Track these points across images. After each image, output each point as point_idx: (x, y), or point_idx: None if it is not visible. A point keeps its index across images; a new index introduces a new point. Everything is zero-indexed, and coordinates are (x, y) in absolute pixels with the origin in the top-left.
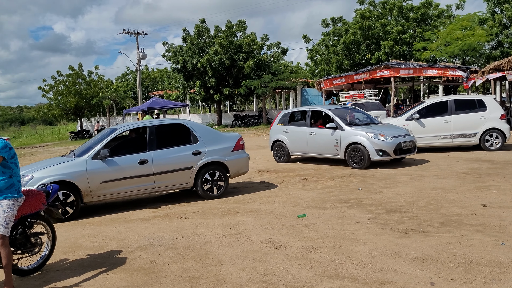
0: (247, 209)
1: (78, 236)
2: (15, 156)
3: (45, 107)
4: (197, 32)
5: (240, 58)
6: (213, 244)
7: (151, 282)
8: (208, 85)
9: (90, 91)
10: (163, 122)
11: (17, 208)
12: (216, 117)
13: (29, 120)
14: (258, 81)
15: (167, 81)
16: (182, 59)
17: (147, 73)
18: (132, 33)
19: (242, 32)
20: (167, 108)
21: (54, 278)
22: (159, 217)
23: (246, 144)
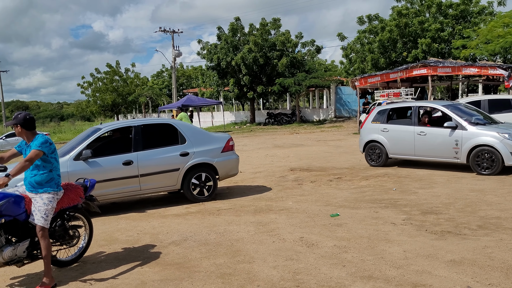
0: (280, 207)
1: (113, 230)
2: (55, 151)
3: (84, 104)
4: (231, 30)
5: (274, 56)
6: (245, 241)
7: (184, 277)
8: (241, 83)
9: (126, 88)
10: (149, 121)
11: (56, 201)
12: (250, 115)
13: (68, 116)
14: (292, 79)
15: (201, 78)
16: (217, 57)
17: (182, 71)
18: (168, 31)
19: (276, 30)
20: (201, 106)
21: (91, 270)
22: (192, 213)
23: (280, 142)
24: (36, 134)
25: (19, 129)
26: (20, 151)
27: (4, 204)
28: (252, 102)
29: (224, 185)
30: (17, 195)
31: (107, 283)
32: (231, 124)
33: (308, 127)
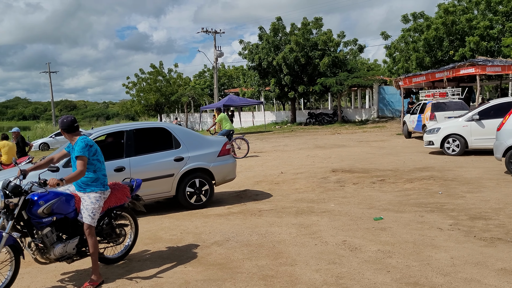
0: (321, 209)
1: (157, 229)
2: (96, 152)
3: (128, 103)
4: (273, 30)
5: (315, 55)
6: (287, 243)
7: (226, 278)
8: (283, 82)
9: (169, 88)
10: (142, 125)
11: (103, 200)
12: (290, 114)
13: (113, 115)
14: (333, 78)
15: (242, 78)
16: (258, 57)
17: (223, 71)
18: (210, 31)
19: (318, 30)
20: (242, 105)
21: (136, 268)
22: (234, 213)
23: (321, 143)
24: (79, 136)
25: (63, 133)
26: (69, 152)
27: (55, 203)
28: (293, 102)
29: (266, 185)
30: (67, 194)
31: (152, 281)
32: (272, 124)
33: (350, 127)
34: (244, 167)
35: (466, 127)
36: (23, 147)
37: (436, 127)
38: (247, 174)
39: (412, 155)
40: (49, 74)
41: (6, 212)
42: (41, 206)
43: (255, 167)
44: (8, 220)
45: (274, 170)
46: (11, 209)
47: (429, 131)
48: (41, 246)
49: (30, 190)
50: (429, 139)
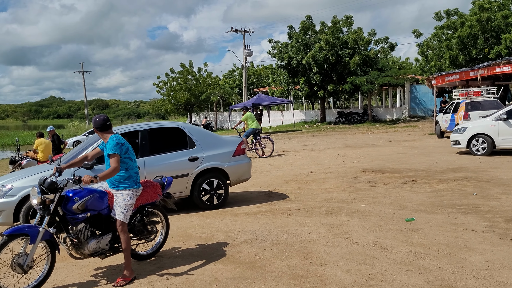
0: (352, 209)
1: (188, 226)
2: (128, 151)
3: (159, 102)
4: (302, 28)
5: (345, 54)
6: (316, 243)
7: (256, 276)
8: (312, 81)
9: (199, 87)
10: (157, 125)
11: (135, 197)
12: (320, 113)
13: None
14: (364, 77)
15: (271, 77)
16: (287, 55)
17: (252, 70)
18: (240, 31)
19: (348, 28)
20: (271, 104)
21: (167, 265)
22: (263, 212)
23: (351, 142)
24: (111, 135)
25: (95, 131)
26: (102, 149)
27: (89, 199)
28: (323, 101)
29: (295, 185)
30: (101, 191)
31: (182, 278)
32: (301, 123)
33: (381, 126)
34: (273, 166)
35: (493, 127)
36: (58, 144)
37: (463, 127)
38: (276, 173)
39: (445, 155)
40: (83, 73)
41: (42, 208)
42: (76, 203)
43: (284, 166)
44: (45, 216)
45: (303, 169)
46: (47, 205)
47: (456, 131)
48: (76, 241)
49: (65, 186)
50: (456, 139)
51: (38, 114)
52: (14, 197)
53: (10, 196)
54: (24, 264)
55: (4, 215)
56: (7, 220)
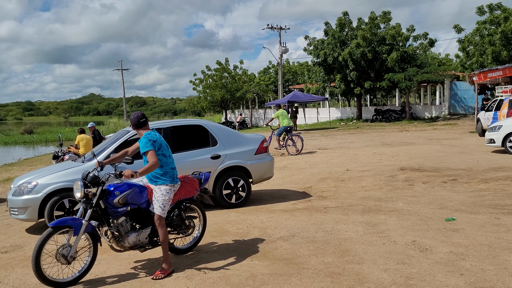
0: (389, 208)
1: (224, 222)
2: (161, 147)
3: (195, 99)
4: (339, 25)
5: (383, 50)
6: (353, 241)
7: (293, 273)
8: (348, 78)
9: (235, 84)
10: (179, 123)
11: (173, 193)
12: (356, 111)
13: (180, 111)
14: (402, 74)
15: (307, 74)
16: (323, 52)
17: (288, 67)
18: (275, 28)
19: (386, 24)
20: (307, 102)
21: (204, 259)
22: (299, 209)
23: (389, 140)
24: (145, 132)
25: (132, 127)
26: None
27: (130, 194)
28: (359, 98)
29: (331, 182)
30: (141, 186)
31: (219, 272)
32: (337, 120)
33: (419, 124)
34: (309, 163)
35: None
36: (99, 140)
37: (498, 125)
38: (312, 170)
39: (486, 154)
40: (121, 71)
41: (85, 201)
42: (117, 196)
43: (320, 164)
44: (87, 209)
45: (340, 167)
46: (90, 198)
47: (491, 129)
48: (117, 234)
49: (107, 181)
50: (491, 137)
51: (78, 111)
52: (39, 193)
53: (36, 193)
54: (68, 255)
55: (30, 211)
56: (32, 216)
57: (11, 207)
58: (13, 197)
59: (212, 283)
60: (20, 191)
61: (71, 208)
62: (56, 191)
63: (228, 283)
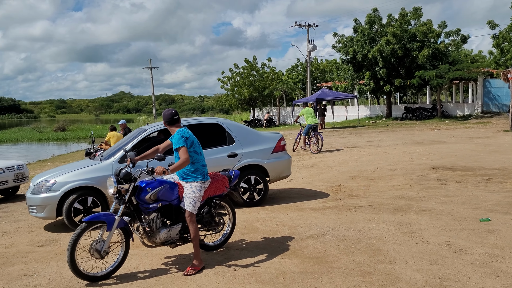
0: (421, 207)
1: (253, 220)
2: (193, 144)
3: (223, 97)
4: (368, 22)
5: (414, 47)
6: (385, 240)
7: (323, 272)
8: (378, 76)
9: (262, 82)
10: (195, 121)
11: (203, 189)
12: (385, 109)
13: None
14: (433, 71)
15: (335, 72)
16: (352, 49)
17: (316, 65)
18: (304, 25)
19: (417, 20)
20: (335, 99)
21: (234, 256)
22: (329, 207)
23: (419, 138)
24: (178, 129)
25: (164, 124)
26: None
27: (161, 190)
28: (389, 96)
29: (361, 181)
30: (172, 182)
31: (249, 269)
32: (366, 118)
33: (451, 122)
34: (338, 161)
35: None
36: None
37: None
38: (341, 169)
39: None
40: (151, 70)
41: (118, 197)
42: (149, 193)
43: (349, 162)
44: (120, 205)
45: (369, 165)
46: (122, 194)
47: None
48: (148, 230)
49: (139, 177)
50: None
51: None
52: (57, 191)
53: (54, 191)
54: (101, 249)
55: (48, 209)
56: (50, 214)
57: (30, 205)
58: (31, 195)
59: (243, 280)
60: (38, 189)
61: (90, 207)
62: (74, 189)
63: (258, 280)
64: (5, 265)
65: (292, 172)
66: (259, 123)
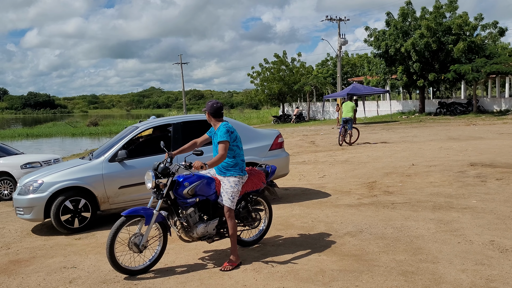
0: (462, 205)
1: (288, 216)
2: (237, 139)
3: (252, 92)
4: (401, 15)
5: (449, 41)
6: (425, 239)
7: (363, 270)
8: (411, 70)
9: (292, 77)
10: (190, 118)
11: (241, 185)
12: (418, 104)
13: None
14: (469, 65)
15: (367, 66)
16: (385, 43)
17: (346, 59)
18: (335, 19)
19: (452, 13)
20: (367, 94)
21: (271, 253)
22: (365, 204)
23: (455, 134)
24: (221, 122)
25: (207, 115)
26: (210, 136)
27: (199, 185)
28: (422, 91)
29: (396, 177)
30: (209, 177)
31: (287, 266)
32: (398, 113)
33: (487, 118)
34: (371, 157)
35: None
36: None
37: None
38: (375, 165)
39: None
40: (181, 65)
41: (156, 191)
42: (186, 188)
43: (383, 158)
44: (158, 199)
45: (404, 161)
46: (160, 189)
47: None
48: (186, 225)
49: (177, 172)
50: None
51: (139, 104)
52: (44, 192)
53: (41, 192)
54: (139, 243)
55: (35, 211)
56: (37, 216)
57: (17, 207)
58: (18, 196)
59: (281, 277)
60: (25, 190)
61: (76, 208)
62: (63, 190)
63: (297, 277)
64: (44, 257)
65: (326, 168)
66: (288, 118)
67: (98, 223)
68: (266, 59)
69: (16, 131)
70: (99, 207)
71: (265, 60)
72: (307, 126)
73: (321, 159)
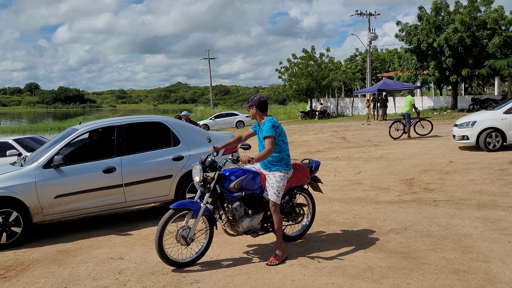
0: (507, 203)
1: (329, 212)
2: (282, 133)
3: (280, 88)
4: (434, 9)
5: (483, 35)
6: (474, 237)
7: (413, 268)
8: (443, 66)
9: (321, 72)
10: (136, 120)
11: (286, 179)
12: (451, 100)
13: None
14: (505, 60)
15: (397, 62)
16: (416, 38)
17: (376, 54)
18: (365, 14)
19: (487, 7)
20: (397, 90)
21: (315, 248)
22: (406, 201)
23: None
24: (266, 117)
25: (253, 110)
26: (255, 131)
27: (245, 179)
28: (455, 87)
29: (435, 174)
30: (254, 172)
31: (334, 262)
32: (429, 110)
33: None
34: (406, 154)
35: (505, 120)
36: None
37: (471, 121)
38: (411, 161)
39: None
40: (208, 60)
41: (203, 185)
42: (233, 182)
43: (419, 155)
44: (205, 193)
45: (441, 158)
46: (208, 182)
47: (461, 125)
48: (231, 218)
49: (224, 166)
50: (463, 134)
51: (166, 99)
52: None
53: None
54: (187, 236)
55: None
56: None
57: None
58: None
59: (328, 272)
60: None
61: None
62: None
63: (345, 273)
64: (91, 248)
65: (360, 164)
66: (314, 113)
67: (140, 214)
68: (295, 54)
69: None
70: (32, 219)
71: (294, 55)
72: (336, 122)
73: (354, 155)
